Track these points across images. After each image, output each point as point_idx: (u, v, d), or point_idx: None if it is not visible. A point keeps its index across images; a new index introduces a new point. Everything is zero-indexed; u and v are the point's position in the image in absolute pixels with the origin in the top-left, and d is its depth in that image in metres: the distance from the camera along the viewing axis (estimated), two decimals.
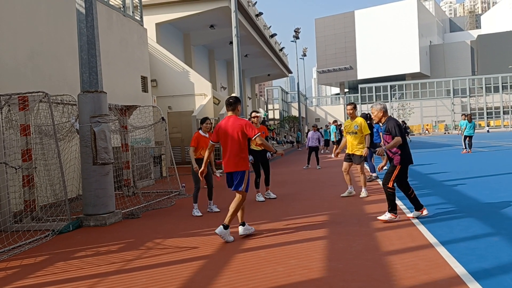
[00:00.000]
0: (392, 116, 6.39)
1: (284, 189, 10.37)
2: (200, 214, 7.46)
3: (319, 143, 16.12)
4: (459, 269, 3.96)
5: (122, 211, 7.78)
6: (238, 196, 5.55)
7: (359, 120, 8.48)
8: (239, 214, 5.69)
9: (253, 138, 5.45)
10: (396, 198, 7.90)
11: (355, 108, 8.63)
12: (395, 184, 6.11)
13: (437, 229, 5.51)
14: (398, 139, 5.95)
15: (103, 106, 7.33)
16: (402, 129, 6.09)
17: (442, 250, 4.56)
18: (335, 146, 21.26)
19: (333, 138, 21.61)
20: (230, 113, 5.66)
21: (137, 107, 10.96)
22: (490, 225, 5.59)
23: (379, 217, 6.14)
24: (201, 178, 6.11)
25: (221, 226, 5.41)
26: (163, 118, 11.23)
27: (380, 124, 6.43)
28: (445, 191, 8.63)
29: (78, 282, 4.19)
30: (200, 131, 7.80)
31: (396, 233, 5.45)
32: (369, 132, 8.60)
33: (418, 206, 6.25)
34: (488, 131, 56.68)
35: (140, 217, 7.64)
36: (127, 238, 6.03)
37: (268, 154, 9.01)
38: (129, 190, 10.27)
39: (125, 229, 6.71)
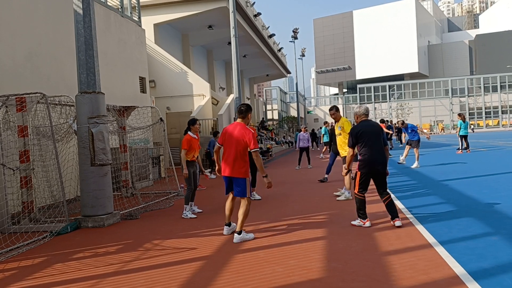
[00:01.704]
0: (365, 121, 6.11)
1: (282, 189, 10.36)
2: (193, 216, 7.43)
3: (309, 143, 16.30)
4: (458, 269, 3.95)
5: (121, 212, 7.75)
6: (243, 202, 5.56)
7: (342, 120, 8.48)
8: (227, 214, 5.86)
9: (251, 150, 5.46)
10: (395, 198, 7.93)
11: (337, 111, 8.62)
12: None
13: (436, 228, 5.51)
14: (349, 151, 6.12)
15: (101, 107, 7.31)
16: (359, 137, 5.90)
17: (441, 250, 4.56)
18: (325, 147, 21.11)
19: (325, 139, 21.23)
20: (239, 120, 5.70)
21: (135, 108, 10.94)
22: (489, 225, 5.59)
23: (352, 222, 6.07)
24: (219, 174, 5.96)
25: (236, 235, 5.50)
26: (161, 119, 11.21)
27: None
28: (444, 191, 8.62)
29: (76, 284, 4.17)
30: (190, 133, 7.73)
31: (395, 233, 5.45)
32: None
33: (394, 215, 5.85)
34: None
35: (138, 218, 7.62)
36: (125, 239, 6.01)
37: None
38: (128, 191, 10.27)
39: (123, 230, 6.69)
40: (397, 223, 5.75)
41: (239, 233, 5.49)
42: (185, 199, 7.60)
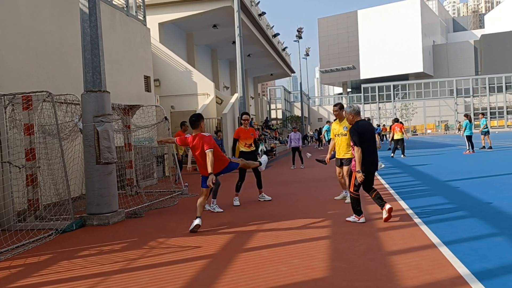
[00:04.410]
0: (361, 120, 6.21)
1: (286, 188, 10.37)
2: (220, 210, 7.69)
3: (300, 143, 16.36)
4: (462, 269, 3.95)
5: (125, 211, 7.79)
6: (202, 193, 6.48)
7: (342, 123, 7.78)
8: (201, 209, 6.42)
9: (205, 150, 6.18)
10: (399, 199, 7.93)
11: (341, 108, 7.92)
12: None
13: (440, 229, 5.50)
14: (356, 149, 5.89)
15: (107, 106, 7.35)
16: (361, 136, 5.93)
17: (445, 250, 4.55)
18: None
19: (327, 137, 21.33)
20: (194, 131, 6.43)
21: (140, 106, 10.98)
22: (494, 225, 5.57)
23: (347, 218, 6.30)
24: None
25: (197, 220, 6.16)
26: (166, 118, 11.25)
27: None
28: (449, 191, 8.61)
29: (81, 281, 4.20)
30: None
31: (399, 233, 5.45)
32: None
33: (381, 205, 6.08)
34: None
35: (143, 217, 7.66)
36: (130, 237, 6.05)
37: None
38: (132, 189, 10.31)
39: (128, 228, 6.73)
40: (388, 206, 6.01)
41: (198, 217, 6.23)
42: (213, 194, 7.82)
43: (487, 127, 20.23)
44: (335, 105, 8.06)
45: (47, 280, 4.30)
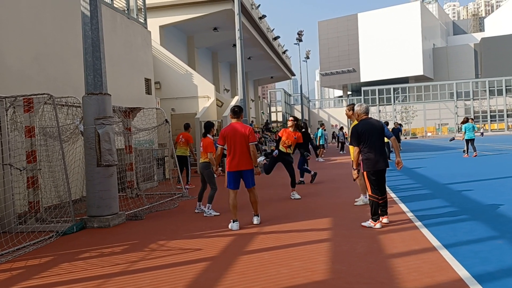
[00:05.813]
0: (366, 119, 6.22)
1: (287, 191, 10.36)
2: (217, 213, 7.65)
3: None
4: (462, 272, 3.96)
5: (126, 213, 7.80)
6: (254, 191, 6.51)
7: (354, 124, 7.77)
8: (235, 211, 6.43)
9: (250, 143, 6.29)
10: (400, 201, 7.93)
11: (350, 110, 7.50)
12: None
13: (441, 232, 5.51)
14: (355, 149, 6.05)
15: (107, 108, 7.36)
16: (361, 135, 5.99)
17: (445, 253, 4.56)
18: (320, 150, 21.59)
19: (321, 141, 21.80)
20: (235, 120, 6.49)
21: (141, 109, 11.00)
22: (494, 228, 5.58)
23: (362, 223, 6.12)
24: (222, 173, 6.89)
25: (256, 217, 6.59)
26: (166, 120, 11.27)
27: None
28: (449, 194, 8.61)
29: (82, 283, 4.21)
30: (209, 136, 8.38)
31: (400, 236, 5.45)
32: None
33: (383, 213, 6.16)
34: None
35: (143, 219, 7.66)
36: (130, 240, 6.06)
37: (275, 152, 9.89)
38: (133, 191, 10.31)
39: (128, 231, 6.74)
40: (385, 220, 6.12)
41: (258, 215, 6.64)
42: (209, 198, 7.66)
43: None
44: (347, 106, 7.94)
45: (48, 282, 4.31)
